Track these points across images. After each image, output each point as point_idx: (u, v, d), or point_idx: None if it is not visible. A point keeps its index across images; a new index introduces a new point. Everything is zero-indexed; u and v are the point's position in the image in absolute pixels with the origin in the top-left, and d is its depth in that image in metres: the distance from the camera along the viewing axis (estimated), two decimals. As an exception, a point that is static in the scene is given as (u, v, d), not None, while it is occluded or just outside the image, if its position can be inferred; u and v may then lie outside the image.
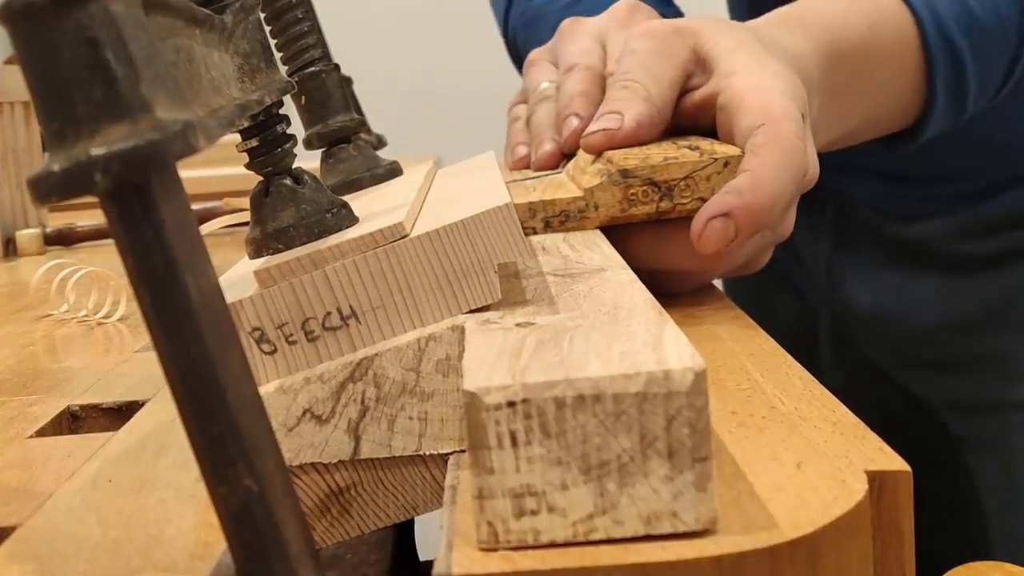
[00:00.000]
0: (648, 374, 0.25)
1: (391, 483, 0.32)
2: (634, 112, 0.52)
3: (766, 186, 0.47)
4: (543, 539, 0.25)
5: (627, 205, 0.49)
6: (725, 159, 0.49)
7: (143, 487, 0.36)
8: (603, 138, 0.52)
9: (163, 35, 0.27)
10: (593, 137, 0.52)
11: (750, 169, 0.47)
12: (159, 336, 0.22)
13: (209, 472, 0.23)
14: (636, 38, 0.56)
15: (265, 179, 0.36)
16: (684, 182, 0.49)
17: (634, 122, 0.52)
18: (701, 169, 0.49)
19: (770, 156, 0.47)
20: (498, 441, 0.25)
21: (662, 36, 0.55)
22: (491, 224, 0.33)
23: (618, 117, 0.52)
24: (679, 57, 0.54)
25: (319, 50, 0.53)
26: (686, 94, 0.55)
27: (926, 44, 0.65)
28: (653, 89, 0.53)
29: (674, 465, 0.25)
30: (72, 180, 0.21)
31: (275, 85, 0.35)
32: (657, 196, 0.49)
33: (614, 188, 0.49)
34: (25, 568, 0.31)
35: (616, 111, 0.53)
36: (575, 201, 0.50)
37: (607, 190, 0.49)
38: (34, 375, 0.54)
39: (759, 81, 0.51)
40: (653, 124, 0.53)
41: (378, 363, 0.32)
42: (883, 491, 0.29)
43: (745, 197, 0.46)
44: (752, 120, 0.49)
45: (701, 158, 0.49)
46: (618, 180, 0.49)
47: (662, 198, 0.49)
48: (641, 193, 0.49)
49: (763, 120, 0.49)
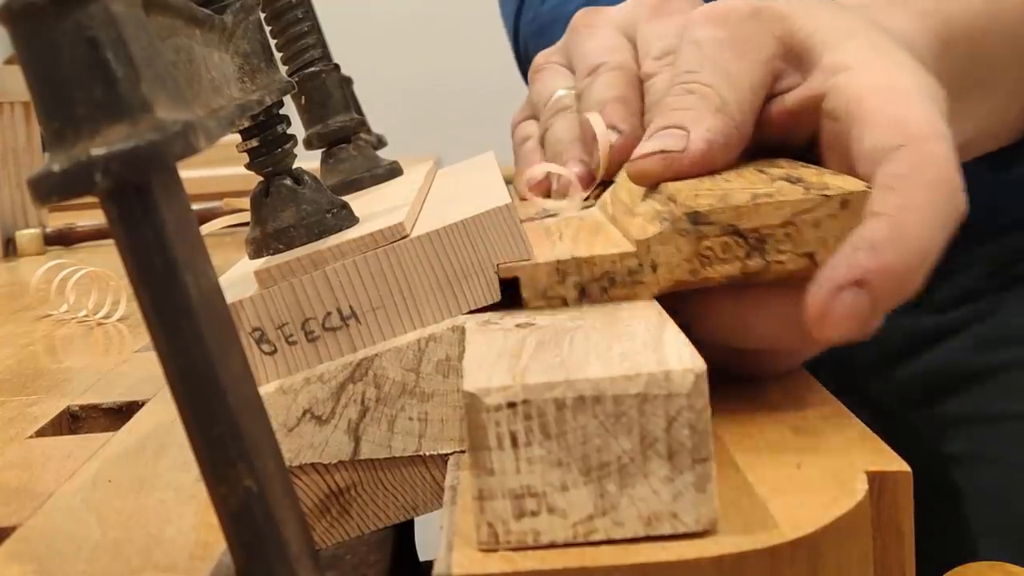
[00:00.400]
0: (648, 375, 0.25)
1: (391, 484, 0.32)
2: (705, 127, 0.38)
3: (912, 238, 0.32)
4: (543, 540, 0.25)
5: (699, 264, 0.34)
6: (842, 197, 0.34)
7: (143, 487, 0.36)
8: (661, 163, 0.37)
9: (163, 35, 0.27)
10: (646, 162, 0.38)
11: (888, 213, 0.33)
12: (159, 336, 0.22)
13: (209, 472, 0.23)
14: (700, 24, 0.41)
15: (265, 179, 0.36)
16: (783, 231, 0.34)
17: (704, 142, 0.38)
18: (807, 211, 0.34)
19: (916, 194, 0.33)
20: (498, 442, 0.25)
21: (737, 21, 0.40)
22: (491, 224, 0.33)
23: (682, 134, 0.38)
24: (764, 50, 0.40)
25: (319, 50, 0.53)
26: (773, 99, 0.41)
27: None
28: (729, 95, 0.39)
29: (674, 466, 0.25)
30: (72, 180, 0.21)
31: (275, 85, 0.35)
32: (743, 252, 0.34)
33: (680, 240, 0.34)
34: (25, 568, 0.31)
35: (678, 125, 0.38)
36: (625, 258, 0.34)
37: (670, 242, 0.34)
38: (34, 375, 0.53)
39: (888, 80, 0.37)
40: (730, 145, 0.38)
41: (378, 363, 0.32)
42: (883, 491, 0.29)
43: (884, 256, 0.32)
44: (885, 138, 0.35)
45: (807, 195, 0.34)
46: (686, 228, 0.34)
47: (750, 254, 0.34)
48: (720, 247, 0.34)
49: (901, 139, 0.35)
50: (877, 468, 0.29)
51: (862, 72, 0.38)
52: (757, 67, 0.40)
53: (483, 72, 1.68)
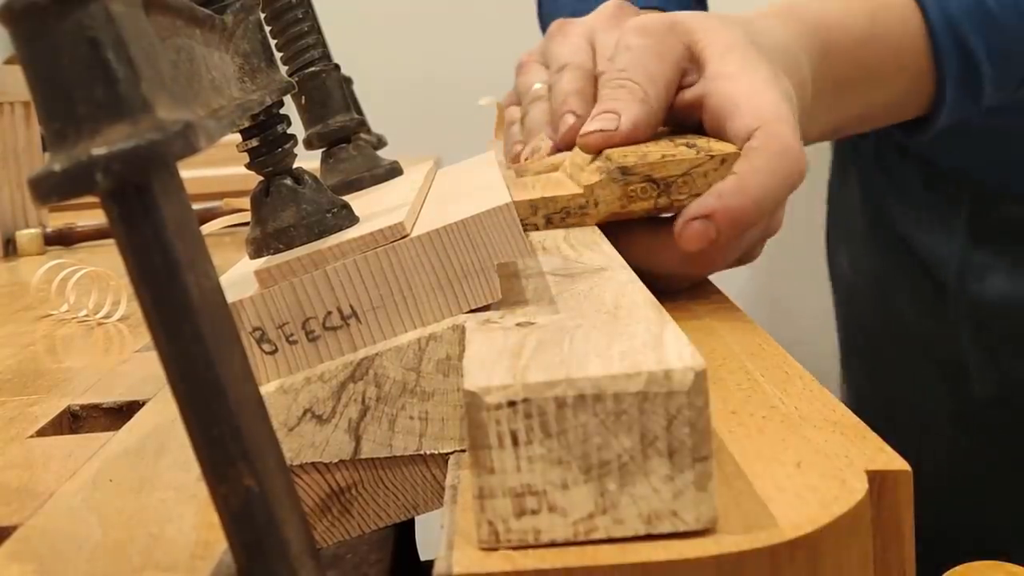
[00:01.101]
0: (649, 373, 0.25)
1: (392, 483, 0.32)
2: (631, 113, 0.52)
3: (751, 190, 0.47)
4: (544, 538, 0.25)
5: (626, 201, 0.50)
6: (722, 156, 0.49)
7: (144, 487, 0.36)
8: (600, 139, 0.52)
9: (164, 35, 0.27)
10: (591, 137, 0.52)
11: (738, 172, 0.48)
12: (160, 336, 0.22)
13: (210, 472, 0.23)
14: (631, 34, 0.55)
15: (265, 179, 0.36)
16: (682, 179, 0.49)
17: (631, 123, 0.52)
18: (698, 166, 0.49)
19: (761, 160, 0.48)
20: (499, 441, 0.25)
21: (658, 33, 0.55)
22: (492, 224, 0.33)
23: (615, 118, 0.52)
24: (674, 55, 0.54)
25: (319, 50, 0.53)
26: (679, 91, 0.55)
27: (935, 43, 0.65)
28: (650, 89, 0.53)
29: (674, 464, 0.25)
30: (73, 180, 0.21)
31: (275, 85, 0.35)
32: (655, 193, 0.50)
33: (613, 185, 0.50)
34: (25, 568, 0.31)
35: (613, 111, 0.53)
36: (576, 198, 0.51)
37: (607, 187, 0.50)
38: (34, 375, 0.54)
39: (751, 84, 0.51)
40: (649, 125, 0.53)
41: (379, 363, 0.32)
42: (883, 491, 0.29)
43: (726, 200, 0.47)
44: (746, 123, 0.50)
45: (698, 155, 0.49)
46: (617, 177, 0.50)
47: (660, 194, 0.50)
48: (640, 190, 0.50)
49: (757, 123, 0.49)
50: (877, 467, 0.29)
51: (734, 81, 0.52)
52: (670, 68, 0.54)
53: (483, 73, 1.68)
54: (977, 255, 0.89)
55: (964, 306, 0.89)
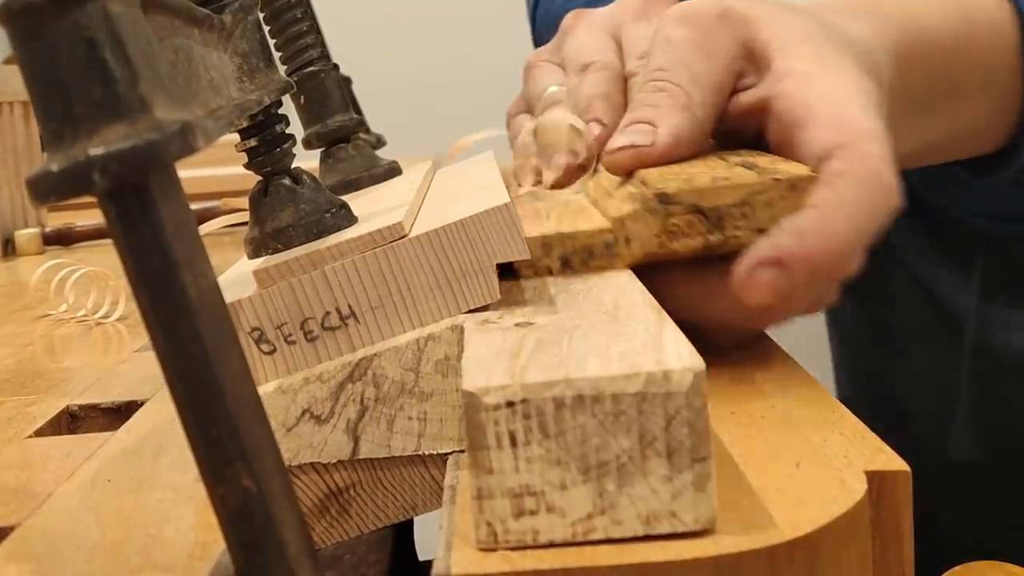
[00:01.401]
0: (647, 374, 0.25)
1: (390, 483, 0.32)
2: (671, 124, 0.42)
3: (838, 230, 0.36)
4: (542, 539, 0.25)
5: (667, 239, 0.38)
6: (791, 181, 0.38)
7: (142, 487, 0.36)
8: (632, 156, 0.42)
9: (162, 35, 0.27)
10: (620, 155, 0.42)
11: (819, 205, 0.37)
12: (158, 336, 0.22)
13: (208, 472, 0.23)
14: (672, 24, 0.44)
15: (264, 179, 0.36)
16: (739, 210, 0.38)
17: (671, 136, 0.42)
18: (761, 193, 0.38)
19: (849, 190, 0.37)
20: (497, 441, 0.25)
21: (706, 24, 0.44)
22: (490, 224, 0.33)
23: (651, 130, 0.42)
24: (727, 51, 0.44)
25: (318, 50, 0.53)
26: (733, 95, 0.44)
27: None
28: (695, 94, 0.43)
29: (673, 465, 0.25)
30: (71, 180, 0.21)
31: (274, 85, 0.35)
32: (705, 228, 0.38)
33: (650, 217, 0.38)
34: (23, 568, 0.31)
35: (648, 121, 0.42)
36: (601, 233, 0.39)
37: (641, 220, 0.38)
38: (33, 375, 0.53)
39: (831, 87, 0.41)
40: (694, 139, 0.42)
41: (377, 363, 0.32)
42: (882, 491, 0.29)
43: (806, 242, 0.36)
44: (825, 138, 0.39)
45: (760, 178, 0.38)
46: (655, 207, 0.38)
47: (711, 230, 0.38)
48: (685, 224, 0.38)
49: (841, 139, 0.38)
50: (876, 468, 0.29)
51: (809, 80, 0.41)
52: (721, 67, 0.43)
53: (482, 72, 1.68)
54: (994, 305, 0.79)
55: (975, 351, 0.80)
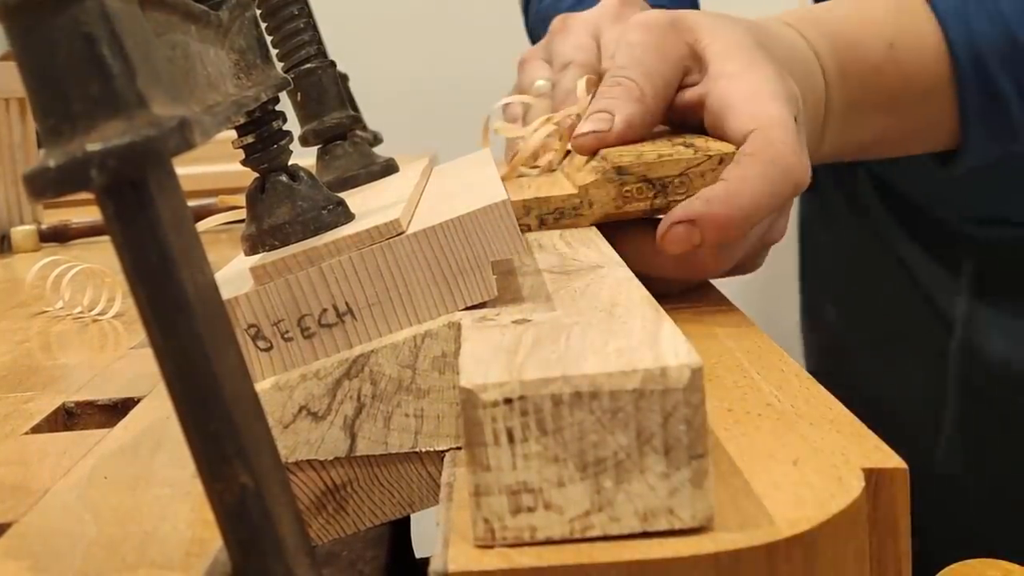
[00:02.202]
0: (645, 371, 0.25)
1: (387, 480, 0.32)
2: (625, 113, 0.51)
3: (740, 199, 0.45)
4: (539, 536, 0.25)
5: (621, 202, 0.49)
6: (720, 156, 0.48)
7: (138, 484, 0.36)
8: (594, 140, 0.51)
9: (159, 31, 0.27)
10: (584, 139, 0.51)
11: (728, 179, 0.46)
12: (155, 333, 0.22)
13: (205, 469, 0.23)
14: (632, 30, 0.54)
15: (261, 176, 0.36)
16: (678, 179, 0.48)
17: (624, 123, 0.51)
18: (696, 166, 0.48)
19: (754, 168, 0.46)
20: (495, 438, 0.25)
21: (659, 30, 0.53)
22: (488, 221, 0.33)
23: (608, 118, 0.51)
24: (676, 53, 0.53)
25: (315, 47, 0.53)
26: (680, 91, 0.54)
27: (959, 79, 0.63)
28: (647, 87, 0.52)
29: (671, 462, 0.25)
30: (68, 176, 0.21)
31: (271, 81, 0.35)
32: (651, 193, 0.49)
33: (608, 185, 0.49)
34: (20, 565, 0.31)
35: (607, 110, 0.52)
36: (569, 198, 0.50)
37: (601, 187, 0.49)
38: (29, 372, 0.53)
39: (750, 85, 0.50)
40: (644, 124, 0.52)
41: (374, 360, 0.32)
42: (880, 488, 0.29)
43: (713, 207, 0.45)
44: (742, 124, 0.48)
45: (695, 155, 0.48)
46: (612, 177, 0.49)
47: (656, 195, 0.49)
48: (635, 190, 0.49)
49: (754, 125, 0.48)
50: (873, 465, 0.29)
51: (734, 78, 0.51)
52: (670, 66, 0.53)
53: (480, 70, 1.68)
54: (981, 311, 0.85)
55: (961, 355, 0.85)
